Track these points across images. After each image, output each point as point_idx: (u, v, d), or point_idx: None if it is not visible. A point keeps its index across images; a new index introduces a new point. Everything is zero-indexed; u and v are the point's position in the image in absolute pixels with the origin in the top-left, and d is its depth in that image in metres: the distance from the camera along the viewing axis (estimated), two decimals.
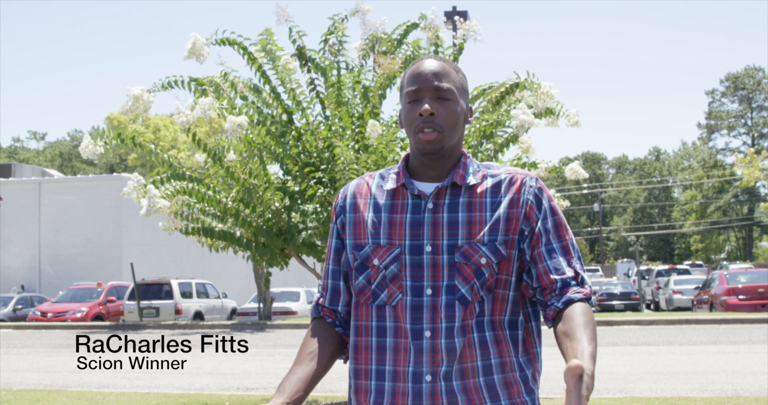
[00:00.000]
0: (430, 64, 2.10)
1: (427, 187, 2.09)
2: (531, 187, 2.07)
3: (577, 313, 1.96)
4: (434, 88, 2.07)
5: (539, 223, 2.05)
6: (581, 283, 2.04)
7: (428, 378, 1.99)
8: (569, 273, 2.04)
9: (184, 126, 6.85)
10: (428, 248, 2.03)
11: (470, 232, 2.03)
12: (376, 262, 2.08)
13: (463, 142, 2.24)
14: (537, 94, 6.99)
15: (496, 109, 7.21)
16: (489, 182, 2.09)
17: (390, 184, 2.12)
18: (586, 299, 2.02)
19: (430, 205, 2.06)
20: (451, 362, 1.99)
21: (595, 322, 1.99)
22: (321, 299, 2.22)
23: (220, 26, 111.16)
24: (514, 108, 7.04)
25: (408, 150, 2.18)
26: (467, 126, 2.20)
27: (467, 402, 1.99)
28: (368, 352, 2.08)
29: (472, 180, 2.08)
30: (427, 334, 2.00)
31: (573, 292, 2.01)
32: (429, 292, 2.02)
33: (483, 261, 2.02)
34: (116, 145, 6.74)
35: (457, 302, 2.01)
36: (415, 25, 7.35)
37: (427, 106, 2.05)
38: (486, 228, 2.03)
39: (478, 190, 2.07)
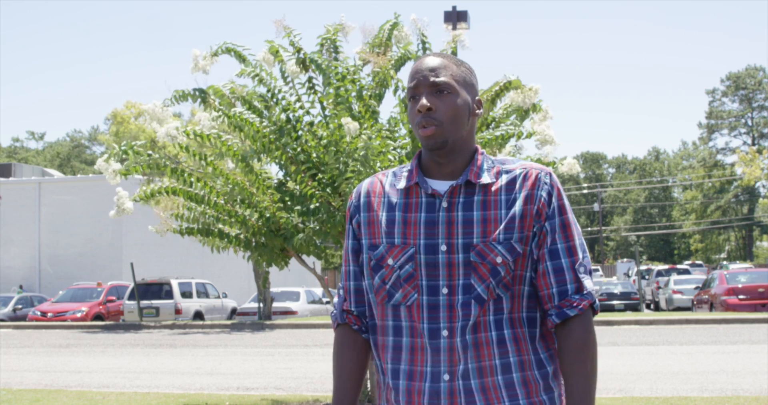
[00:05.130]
0: (428, 61, 2.11)
1: (441, 185, 2.07)
2: (545, 183, 2.06)
3: (572, 344, 2.02)
4: (431, 83, 2.06)
5: (547, 222, 2.04)
6: (580, 290, 2.04)
7: (446, 377, 1.99)
8: (569, 277, 2.04)
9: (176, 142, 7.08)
10: (443, 247, 2.02)
11: (485, 230, 2.01)
12: (390, 261, 2.06)
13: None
14: (524, 92, 7.18)
15: (491, 108, 7.38)
16: (504, 179, 2.07)
17: (403, 183, 2.10)
18: (584, 311, 2.03)
19: (444, 204, 2.04)
20: (467, 360, 1.99)
21: (591, 345, 2.02)
22: (345, 303, 2.19)
23: (218, 25, 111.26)
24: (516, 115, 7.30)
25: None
26: (476, 119, 2.17)
27: (485, 401, 1.99)
28: (385, 352, 2.09)
29: (486, 178, 2.06)
30: (444, 333, 2.00)
31: (570, 306, 2.03)
32: (445, 291, 2.01)
33: (499, 260, 2.01)
34: (122, 154, 6.99)
35: (473, 301, 2.00)
36: (395, 25, 7.42)
37: (423, 101, 2.05)
38: (501, 226, 2.02)
39: (493, 187, 2.05)
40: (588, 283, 2.06)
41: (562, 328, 2.03)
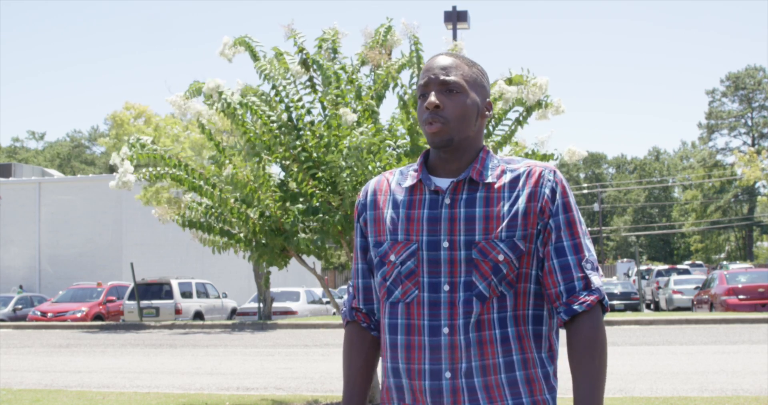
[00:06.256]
0: (440, 60, 2.12)
1: (444, 183, 2.07)
2: (549, 180, 2.05)
3: (580, 341, 1.99)
4: (440, 82, 2.07)
5: (551, 220, 2.03)
6: (588, 287, 2.02)
7: (447, 375, 1.98)
8: (576, 274, 2.02)
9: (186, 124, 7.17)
10: (445, 244, 2.01)
11: (487, 227, 2.01)
12: (392, 258, 2.07)
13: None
14: (527, 87, 7.01)
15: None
16: (507, 177, 2.06)
17: (409, 181, 2.11)
18: (593, 307, 2.00)
19: (447, 201, 2.04)
20: (470, 358, 1.98)
21: (600, 342, 1.99)
22: (354, 301, 2.21)
23: (219, 25, 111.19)
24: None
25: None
26: (485, 120, 2.17)
27: (488, 399, 1.97)
28: (384, 350, 2.10)
29: (490, 176, 2.06)
30: (446, 330, 1.99)
31: (578, 302, 2.00)
32: (446, 288, 2.00)
33: (500, 257, 2.00)
34: (131, 156, 7.09)
35: (475, 298, 1.99)
36: (389, 29, 7.41)
37: (431, 98, 2.05)
38: (503, 223, 2.01)
39: (497, 185, 2.05)
40: (596, 279, 2.03)
41: (570, 325, 2.01)
